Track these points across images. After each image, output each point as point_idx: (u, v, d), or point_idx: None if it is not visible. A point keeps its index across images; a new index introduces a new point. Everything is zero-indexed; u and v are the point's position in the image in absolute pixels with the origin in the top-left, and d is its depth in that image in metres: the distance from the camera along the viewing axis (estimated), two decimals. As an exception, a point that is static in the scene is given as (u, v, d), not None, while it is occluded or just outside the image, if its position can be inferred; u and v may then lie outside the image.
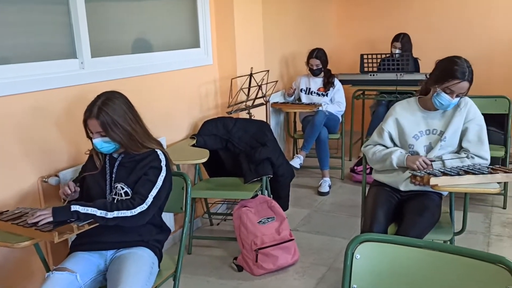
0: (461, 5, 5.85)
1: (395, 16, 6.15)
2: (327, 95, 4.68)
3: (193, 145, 3.40)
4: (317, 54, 4.59)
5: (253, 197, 3.22)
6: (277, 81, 4.04)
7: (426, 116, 2.60)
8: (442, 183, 2.21)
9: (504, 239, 3.36)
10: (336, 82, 4.72)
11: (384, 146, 2.66)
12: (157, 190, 2.10)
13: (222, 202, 3.92)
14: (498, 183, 2.27)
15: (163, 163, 2.16)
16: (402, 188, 2.56)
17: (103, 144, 2.10)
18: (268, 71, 3.92)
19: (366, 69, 5.14)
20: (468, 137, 2.53)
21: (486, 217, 3.73)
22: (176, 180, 2.29)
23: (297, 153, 4.55)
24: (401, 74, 4.93)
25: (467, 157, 2.49)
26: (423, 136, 2.59)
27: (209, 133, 3.52)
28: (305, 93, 4.77)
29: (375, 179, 2.72)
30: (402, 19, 6.07)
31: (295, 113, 5.01)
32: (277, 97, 4.84)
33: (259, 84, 3.81)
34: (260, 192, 3.35)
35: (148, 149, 2.18)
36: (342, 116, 4.77)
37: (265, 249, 3.00)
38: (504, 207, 3.88)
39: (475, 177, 2.22)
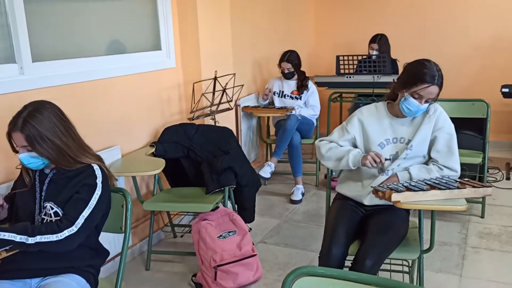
0: (439, 5, 5.67)
1: (373, 16, 5.96)
2: (300, 98, 4.50)
3: (152, 154, 3.20)
4: (289, 57, 4.39)
5: (213, 209, 3.02)
6: (243, 85, 3.84)
7: (394, 123, 2.41)
8: (405, 200, 2.02)
9: (480, 251, 3.18)
10: (310, 85, 4.54)
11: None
12: (90, 210, 1.89)
13: (186, 213, 3.71)
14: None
15: (99, 180, 1.96)
16: (366, 202, 2.37)
17: (30, 160, 1.90)
18: (234, 74, 3.71)
19: (342, 71, 4.95)
20: (437, 147, 2.35)
21: (462, 227, 3.55)
22: (115, 197, 2.08)
23: (268, 160, 4.35)
24: (378, 76, 4.74)
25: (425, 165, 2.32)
26: (390, 144, 2.40)
27: (170, 140, 3.31)
28: (278, 96, 4.58)
29: (339, 192, 2.53)
30: (380, 19, 5.88)
31: (268, 117, 4.82)
32: (249, 101, 4.64)
33: (224, 88, 3.60)
34: (222, 203, 3.15)
35: (82, 164, 1.97)
36: (316, 120, 4.59)
37: (225, 266, 2.80)
38: (482, 216, 3.70)
39: (440, 193, 2.03)
